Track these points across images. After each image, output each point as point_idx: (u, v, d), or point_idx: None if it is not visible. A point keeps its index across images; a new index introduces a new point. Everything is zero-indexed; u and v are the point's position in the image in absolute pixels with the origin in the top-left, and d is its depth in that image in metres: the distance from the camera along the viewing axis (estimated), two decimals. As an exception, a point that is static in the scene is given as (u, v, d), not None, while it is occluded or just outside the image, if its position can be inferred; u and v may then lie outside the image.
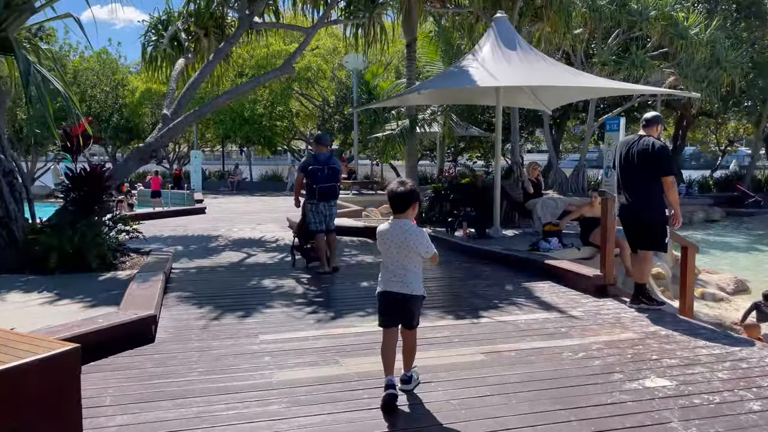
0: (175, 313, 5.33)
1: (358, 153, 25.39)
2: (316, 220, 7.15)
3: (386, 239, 3.43)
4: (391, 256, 3.43)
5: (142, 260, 7.50)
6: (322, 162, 7.03)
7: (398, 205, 3.41)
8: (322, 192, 7.01)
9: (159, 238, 11.10)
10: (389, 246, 3.42)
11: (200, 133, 35.25)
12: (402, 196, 3.39)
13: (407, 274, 3.39)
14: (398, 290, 3.39)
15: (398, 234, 3.38)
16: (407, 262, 3.38)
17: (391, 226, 3.43)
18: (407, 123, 12.28)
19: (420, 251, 3.37)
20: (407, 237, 3.36)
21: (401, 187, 3.42)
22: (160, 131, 8.86)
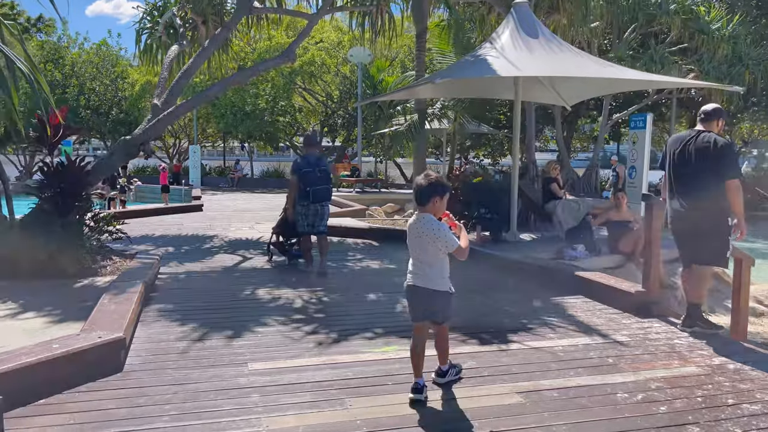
0: (154, 331, 4.57)
1: (361, 150, 24.61)
2: (306, 222, 7.02)
3: (411, 233, 3.41)
4: (413, 251, 3.41)
5: (125, 264, 6.76)
6: (312, 164, 6.89)
7: (419, 198, 3.35)
8: (316, 194, 6.86)
9: (150, 237, 10.37)
10: (411, 240, 3.40)
11: (201, 127, 34.50)
12: (422, 189, 3.32)
13: (427, 269, 3.35)
14: (422, 285, 3.37)
15: (419, 228, 3.33)
16: (427, 257, 3.34)
17: (415, 220, 3.38)
18: (416, 118, 11.51)
19: (439, 246, 3.29)
20: (425, 232, 3.29)
21: (423, 179, 3.35)
22: (149, 123, 8.10)
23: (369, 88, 23.60)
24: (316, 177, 6.83)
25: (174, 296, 5.81)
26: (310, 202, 6.89)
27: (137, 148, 7.88)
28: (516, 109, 9.22)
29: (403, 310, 5.33)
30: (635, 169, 10.80)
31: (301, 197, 6.92)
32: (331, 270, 7.47)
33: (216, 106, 27.55)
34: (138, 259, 6.91)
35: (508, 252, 7.83)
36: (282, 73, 27.04)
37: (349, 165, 23.27)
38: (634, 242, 7.81)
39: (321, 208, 7.01)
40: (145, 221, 12.77)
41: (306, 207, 6.94)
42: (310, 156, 7.01)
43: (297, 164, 7.03)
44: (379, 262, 8.01)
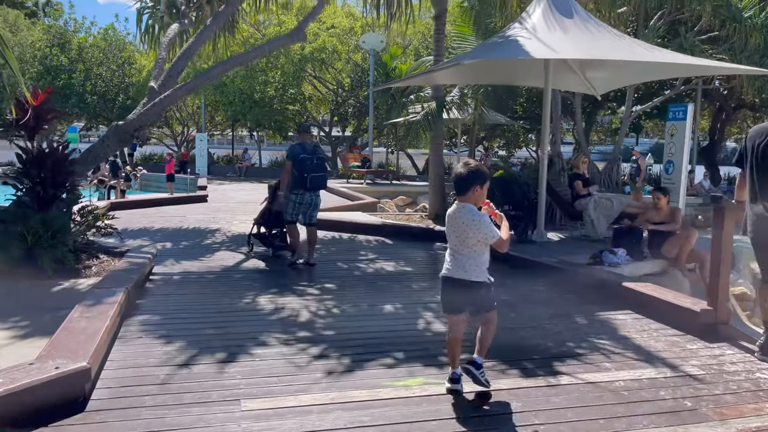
0: (132, 351, 3.85)
1: (372, 140, 23.81)
2: (294, 210, 6.85)
3: (449, 224, 3.33)
4: (452, 241, 3.33)
5: (113, 264, 6.06)
6: (310, 151, 6.71)
7: (459, 187, 3.29)
8: (313, 182, 6.68)
9: (148, 231, 9.68)
10: (451, 231, 3.32)
11: (209, 115, 33.79)
12: (462, 177, 3.25)
13: (466, 260, 3.28)
14: (459, 276, 3.29)
15: (459, 218, 3.25)
16: (466, 248, 3.26)
17: (455, 210, 3.31)
18: (434, 106, 10.70)
19: (479, 237, 3.22)
20: (465, 222, 3.22)
21: (463, 168, 3.30)
22: (144, 106, 7.38)
23: (381, 76, 22.75)
24: (313, 164, 6.64)
25: (163, 304, 5.09)
26: (305, 190, 6.71)
27: (131, 134, 7.16)
28: (546, 97, 8.40)
29: (426, 327, 4.59)
30: (673, 164, 9.96)
31: (297, 185, 6.69)
32: (342, 273, 6.74)
33: (224, 94, 26.80)
34: (128, 259, 6.19)
35: (538, 255, 7.05)
36: (292, 60, 26.23)
37: (359, 155, 22.45)
38: (678, 246, 7.02)
39: (315, 198, 6.86)
40: (146, 212, 12.09)
41: (301, 196, 6.75)
42: (305, 143, 6.81)
43: (294, 150, 6.76)
44: (393, 264, 7.26)
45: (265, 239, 7.70)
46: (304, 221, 6.94)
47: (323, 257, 7.76)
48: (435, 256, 8.11)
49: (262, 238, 7.72)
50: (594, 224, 8.55)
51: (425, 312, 4.98)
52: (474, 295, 3.29)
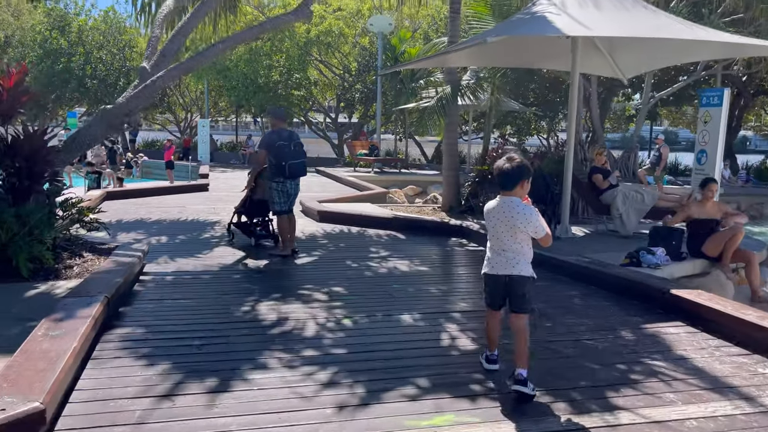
0: (105, 377, 3.25)
1: (380, 127, 23.12)
2: (282, 200, 6.65)
3: (493, 218, 3.29)
4: (497, 236, 3.27)
5: (97, 263, 5.46)
6: (286, 138, 6.50)
7: (506, 182, 3.25)
8: (292, 169, 6.49)
9: (144, 223, 9.10)
10: (496, 225, 3.27)
11: (213, 101, 33.12)
12: (509, 173, 3.23)
13: (515, 255, 3.24)
14: (505, 272, 3.25)
15: (506, 212, 3.22)
16: (515, 242, 3.23)
17: (498, 204, 3.28)
18: (448, 90, 10.02)
19: (529, 231, 3.21)
20: (515, 216, 3.20)
21: (508, 163, 3.25)
22: (135, 89, 6.75)
23: (390, 60, 22.00)
24: (291, 151, 6.43)
25: (151, 312, 4.50)
26: (285, 178, 6.51)
27: (120, 119, 6.54)
28: (573, 80, 7.73)
29: (451, 344, 3.97)
30: (706, 153, 9.27)
31: (276, 173, 6.50)
32: (352, 273, 6.13)
33: (227, 78, 26.10)
34: (115, 257, 5.59)
35: (565, 253, 6.41)
36: (297, 44, 25.49)
37: (367, 143, 21.77)
38: (722, 244, 6.37)
39: (296, 186, 6.70)
40: (143, 202, 11.50)
41: (282, 184, 6.57)
42: (281, 130, 6.59)
43: (269, 138, 6.57)
44: (407, 263, 6.64)
45: (247, 228, 7.48)
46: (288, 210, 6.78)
47: (331, 254, 7.15)
48: (451, 253, 7.49)
49: (243, 228, 7.51)
50: (623, 219, 7.91)
51: (448, 323, 4.37)
52: (520, 291, 3.24)
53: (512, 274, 3.23)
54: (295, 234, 6.93)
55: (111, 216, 9.65)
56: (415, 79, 21.82)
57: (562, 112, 27.16)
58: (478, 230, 8.03)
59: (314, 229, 8.90)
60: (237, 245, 7.38)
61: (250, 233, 7.44)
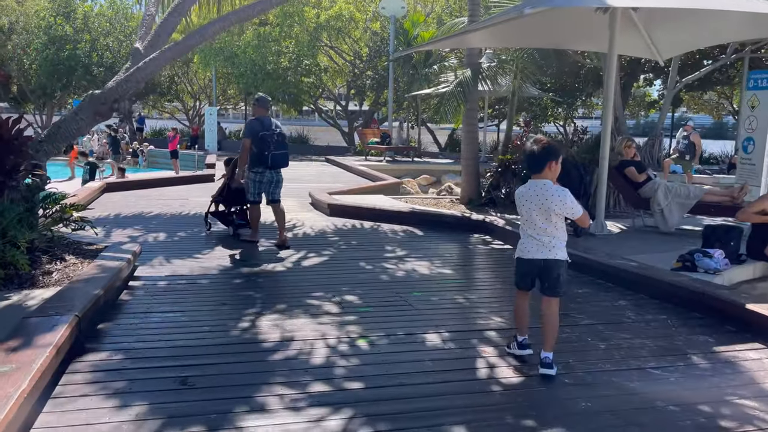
0: (65, 425, 2.60)
1: (392, 114, 22.36)
2: (257, 189, 6.51)
3: (526, 202, 3.26)
4: (531, 220, 3.25)
5: (81, 268, 4.83)
6: (268, 127, 6.32)
7: (534, 164, 3.25)
8: (274, 160, 6.35)
9: (143, 218, 8.48)
10: (530, 209, 3.24)
11: (221, 88, 32.49)
12: (536, 155, 3.21)
13: (551, 239, 3.22)
14: (541, 256, 3.24)
15: (539, 195, 3.20)
16: (549, 225, 3.21)
17: (530, 188, 3.26)
18: (468, 74, 9.28)
19: (566, 213, 3.20)
20: (549, 198, 3.17)
21: (535, 145, 3.25)
22: (127, 72, 6.08)
23: (402, 45, 21.21)
24: (273, 141, 6.28)
25: (133, 331, 3.85)
26: (266, 168, 6.38)
27: (109, 106, 5.88)
28: (611, 60, 6.97)
29: (490, 375, 3.29)
30: (753, 141, 8.48)
31: (256, 163, 6.36)
32: (366, 277, 5.47)
33: (235, 65, 25.41)
34: (101, 260, 4.96)
35: (606, 255, 5.70)
36: (306, 29, 24.72)
37: (378, 131, 21.05)
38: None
39: (277, 176, 6.54)
40: (145, 194, 10.90)
41: (261, 174, 6.42)
42: (264, 119, 6.40)
43: (252, 126, 6.37)
44: (428, 264, 5.96)
45: (225, 218, 7.31)
46: (267, 200, 6.59)
47: (342, 254, 6.49)
48: (475, 252, 6.80)
49: (221, 217, 7.33)
50: (664, 214, 7.17)
51: (484, 345, 3.68)
52: (555, 274, 3.23)
53: (548, 258, 3.22)
54: (283, 224, 6.67)
55: (109, 210, 9.06)
56: (428, 64, 21.02)
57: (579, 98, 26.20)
58: (503, 226, 7.33)
59: (324, 224, 8.23)
60: (240, 245, 6.74)
61: (228, 222, 7.26)
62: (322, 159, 21.66)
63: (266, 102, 6.63)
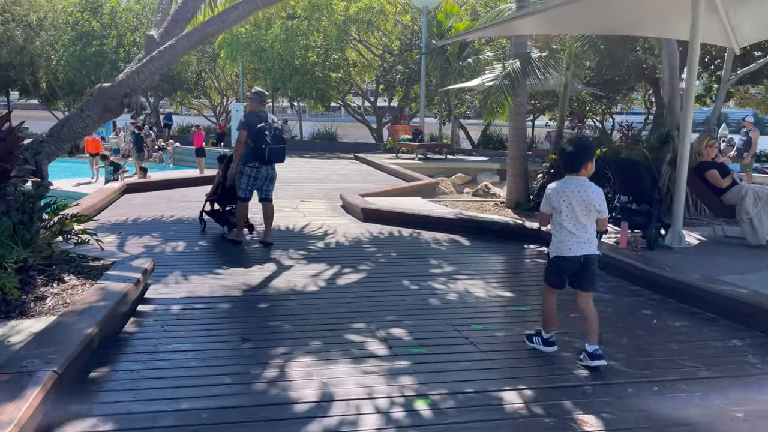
0: None
1: (424, 109, 21.47)
2: (249, 186, 6.31)
3: (567, 198, 3.28)
4: (572, 217, 3.28)
5: (79, 292, 4.11)
6: (265, 120, 6.15)
7: (572, 164, 3.31)
8: (271, 154, 6.14)
9: (162, 223, 7.81)
10: (572, 205, 3.27)
11: (248, 84, 31.94)
12: (573, 154, 3.31)
13: (589, 235, 3.30)
14: (584, 252, 3.30)
15: (582, 193, 3.26)
16: (589, 221, 3.30)
17: (568, 185, 3.31)
18: (517, 66, 8.37)
19: (601, 210, 3.29)
20: (590, 195, 3.25)
21: (570, 145, 3.40)
22: (140, 62, 5.35)
23: (435, 37, 20.29)
24: (272, 135, 6.09)
25: (131, 385, 3.06)
26: (261, 163, 6.16)
27: (118, 101, 5.15)
28: (694, 48, 6.01)
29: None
30: None
31: (252, 157, 6.15)
32: (413, 302, 4.65)
33: (263, 60, 24.78)
34: (106, 281, 4.23)
35: (705, 279, 4.76)
36: (335, 23, 23.95)
37: (409, 127, 20.19)
38: None
39: (272, 171, 6.35)
40: (166, 196, 10.24)
41: (256, 169, 6.20)
42: (260, 112, 6.24)
43: (248, 119, 6.18)
44: (482, 284, 5.11)
45: (220, 217, 7.06)
46: (260, 197, 6.40)
47: (381, 269, 5.68)
48: (535, 269, 5.90)
49: (216, 216, 7.08)
50: (753, 224, 6.19)
51: (578, 411, 2.83)
52: (593, 269, 3.34)
53: (588, 253, 3.30)
54: (271, 223, 6.47)
55: (127, 213, 8.41)
56: (462, 57, 20.08)
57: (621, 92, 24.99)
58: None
59: (358, 231, 7.43)
60: (268, 256, 5.99)
61: (222, 222, 7.01)
62: (351, 156, 20.90)
63: (262, 96, 6.51)
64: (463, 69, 20.06)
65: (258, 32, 25.07)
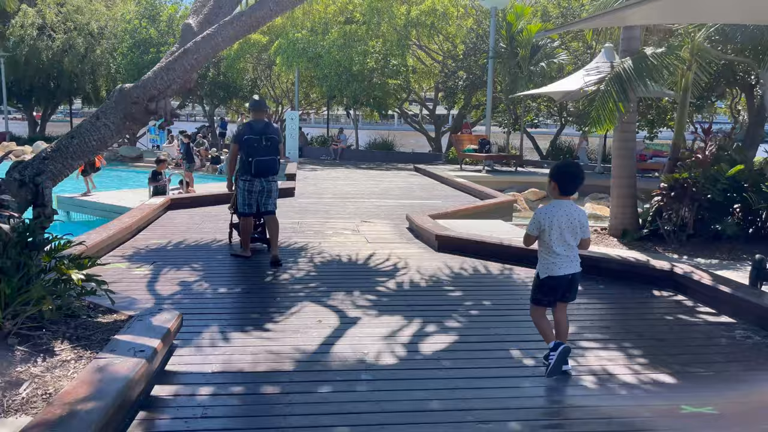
0: None
1: (490, 118, 19.98)
2: (247, 200, 6.04)
3: (560, 221, 3.40)
4: (564, 238, 3.42)
5: (69, 372, 2.92)
6: (258, 131, 5.87)
7: (573, 187, 3.51)
8: (259, 167, 5.86)
9: (204, 248, 6.72)
10: (561, 228, 3.41)
11: (303, 92, 31.15)
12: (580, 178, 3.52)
13: (576, 254, 3.49)
14: (571, 271, 3.47)
15: (569, 215, 3.42)
16: (575, 242, 3.47)
17: (557, 208, 3.45)
18: (629, 65, 6.85)
19: (585, 230, 3.47)
20: (581, 218, 3.45)
21: (577, 168, 3.59)
22: (171, 56, 4.19)
23: (504, 40, 18.82)
24: (261, 146, 5.88)
25: None
26: (253, 176, 5.95)
27: (143, 106, 3.99)
28: None
29: None
30: None
31: (243, 170, 6.02)
32: (536, 394, 3.26)
33: (319, 66, 23.83)
34: (110, 354, 3.03)
35: None
36: (395, 28, 22.75)
37: (474, 136, 18.75)
38: None
39: (267, 184, 6.08)
40: (213, 214, 9.19)
41: (249, 183, 6.01)
42: (255, 122, 6.02)
43: (239, 131, 6.13)
44: (624, 359, 3.67)
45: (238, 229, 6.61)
46: (259, 210, 6.13)
47: (477, 328, 4.31)
48: (684, 331, 4.36)
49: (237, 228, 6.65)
50: None
51: None
52: (578, 284, 3.56)
53: (576, 271, 3.49)
54: (276, 238, 6.10)
55: (167, 235, 7.36)
56: (534, 62, 18.51)
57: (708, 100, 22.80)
58: (711, 283, 4.88)
59: (434, 265, 6.08)
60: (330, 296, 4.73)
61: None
62: (410, 167, 19.62)
63: (258, 105, 6.21)
64: (534, 74, 18.50)
65: (315, 38, 24.17)
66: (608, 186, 15.50)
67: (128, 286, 5.02)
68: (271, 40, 26.25)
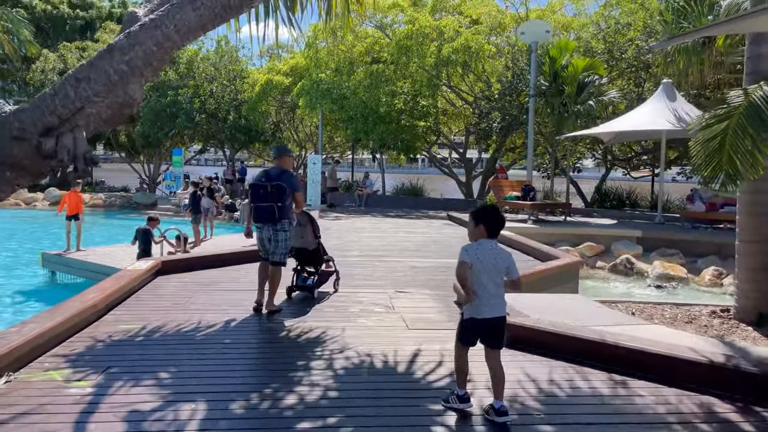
0: None
1: (532, 162, 18.10)
2: (259, 246, 6.05)
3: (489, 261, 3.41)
4: (493, 279, 3.41)
5: None
6: (268, 177, 5.88)
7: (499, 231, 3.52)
8: (257, 213, 5.87)
9: (186, 339, 4.85)
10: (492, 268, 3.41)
11: (327, 135, 29.74)
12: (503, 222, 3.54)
13: (503, 295, 3.47)
14: (501, 313, 3.45)
15: (496, 256, 3.44)
16: (502, 283, 3.46)
17: (483, 248, 3.44)
18: (764, 91, 4.96)
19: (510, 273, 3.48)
20: (507, 258, 3.47)
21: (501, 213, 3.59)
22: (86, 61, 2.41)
23: (546, 77, 17.09)
24: (262, 192, 5.77)
25: None
26: (255, 222, 5.91)
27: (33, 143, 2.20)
28: None
29: None
30: None
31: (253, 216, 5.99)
32: None
33: (344, 108, 22.39)
34: None
35: None
36: (424, 68, 21.26)
37: (515, 182, 16.85)
38: None
39: (275, 233, 5.84)
40: (212, 280, 7.41)
41: (259, 230, 5.95)
42: (272, 169, 6.00)
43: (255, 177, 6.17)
44: None
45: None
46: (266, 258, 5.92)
47: None
48: None
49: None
50: None
51: None
52: (504, 328, 3.47)
53: (499, 315, 3.43)
54: (273, 289, 5.86)
55: (145, 316, 5.52)
56: (580, 100, 16.71)
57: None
58: None
59: (511, 375, 4.10)
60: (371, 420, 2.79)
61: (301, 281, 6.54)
62: (442, 215, 17.76)
63: (276, 152, 6.20)
64: (581, 114, 16.69)
65: (339, 78, 22.82)
66: (675, 240, 13.65)
67: (45, 421, 3.16)
68: (294, 81, 25.03)
